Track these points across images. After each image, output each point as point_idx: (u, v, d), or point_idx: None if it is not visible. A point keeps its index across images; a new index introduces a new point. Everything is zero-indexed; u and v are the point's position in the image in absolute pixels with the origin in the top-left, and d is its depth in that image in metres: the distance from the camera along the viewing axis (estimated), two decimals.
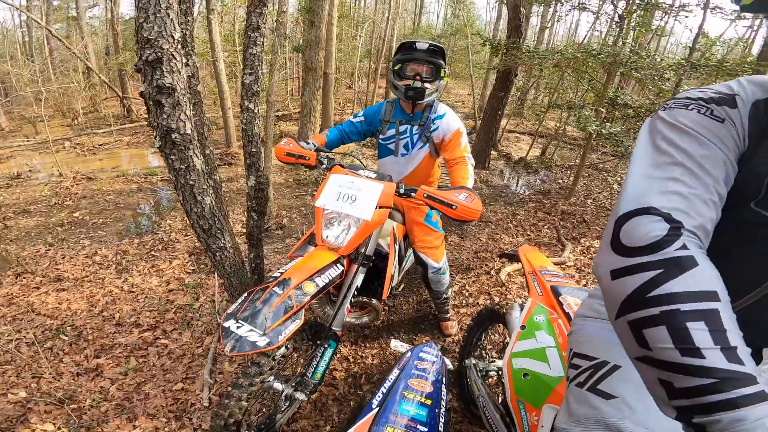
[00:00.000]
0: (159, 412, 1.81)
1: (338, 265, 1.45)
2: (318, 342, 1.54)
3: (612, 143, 4.67)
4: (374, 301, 1.81)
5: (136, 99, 10.31)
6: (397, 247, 1.84)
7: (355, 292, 1.56)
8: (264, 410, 1.69)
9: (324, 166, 1.69)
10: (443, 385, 1.16)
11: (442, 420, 1.06)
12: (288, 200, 4.67)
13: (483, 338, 1.83)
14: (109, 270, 3.09)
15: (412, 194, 1.47)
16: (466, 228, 3.85)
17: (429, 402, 1.07)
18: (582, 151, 5.19)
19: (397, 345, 1.39)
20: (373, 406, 1.03)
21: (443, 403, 1.11)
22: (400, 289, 2.67)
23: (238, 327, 1.14)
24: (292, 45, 7.71)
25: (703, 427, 0.43)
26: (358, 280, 1.55)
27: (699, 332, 0.44)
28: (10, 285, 2.84)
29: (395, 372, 1.16)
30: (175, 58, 1.43)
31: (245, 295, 1.26)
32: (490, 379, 1.74)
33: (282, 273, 1.32)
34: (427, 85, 1.71)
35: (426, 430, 0.99)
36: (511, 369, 1.25)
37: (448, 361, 1.31)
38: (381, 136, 1.92)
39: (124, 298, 2.69)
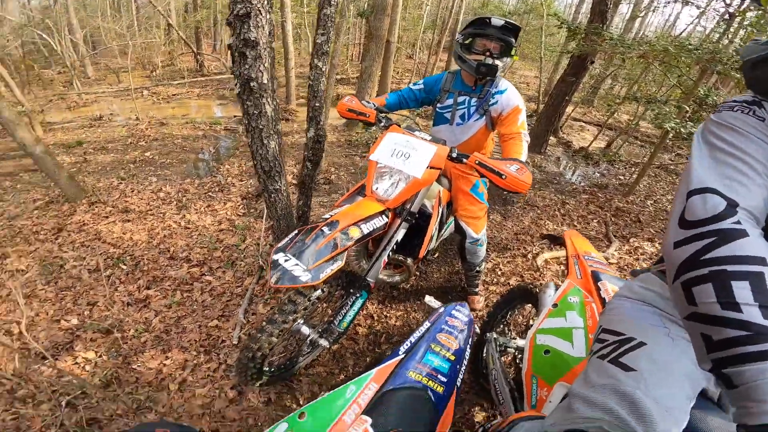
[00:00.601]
0: (191, 346, 1.92)
1: (383, 216, 1.49)
2: (351, 290, 1.62)
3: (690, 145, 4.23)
4: (409, 260, 1.86)
5: (209, 55, 10.88)
6: (440, 210, 1.86)
7: (395, 247, 1.62)
8: (286, 353, 1.79)
9: (382, 124, 1.75)
10: (468, 345, 1.19)
11: (461, 376, 1.10)
12: (338, 158, 4.80)
13: (509, 315, 1.83)
14: (170, 206, 3.38)
15: (465, 159, 1.49)
16: (510, 208, 3.76)
17: (453, 358, 1.10)
18: (653, 148, 4.78)
19: (431, 300, 1.45)
20: (400, 353, 1.07)
21: (465, 361, 1.15)
22: (435, 256, 2.70)
23: (285, 260, 1.22)
24: (358, 10, 7.61)
25: (730, 378, 0.47)
26: (400, 235, 1.60)
27: (741, 290, 0.49)
28: (83, 213, 3.15)
29: (426, 325, 1.19)
30: (261, 14, 1.53)
31: (295, 231, 1.34)
32: (506, 356, 1.74)
33: (331, 216, 1.39)
34: (497, 62, 1.67)
35: (445, 380, 1.03)
36: (534, 344, 1.25)
37: (476, 325, 1.34)
38: (438, 105, 1.92)
39: (180, 233, 2.93)
